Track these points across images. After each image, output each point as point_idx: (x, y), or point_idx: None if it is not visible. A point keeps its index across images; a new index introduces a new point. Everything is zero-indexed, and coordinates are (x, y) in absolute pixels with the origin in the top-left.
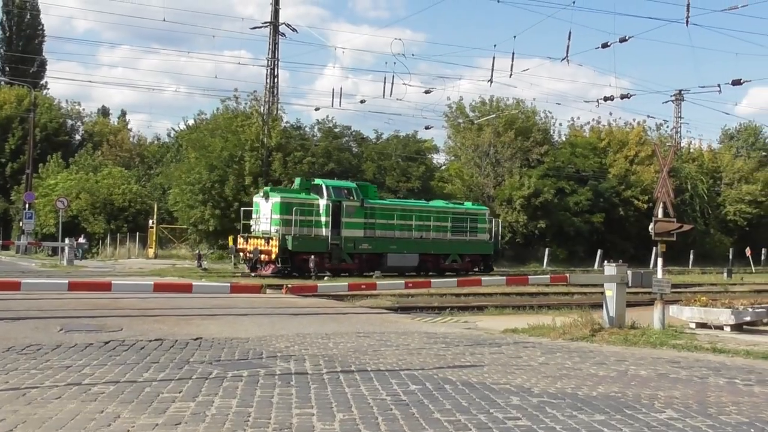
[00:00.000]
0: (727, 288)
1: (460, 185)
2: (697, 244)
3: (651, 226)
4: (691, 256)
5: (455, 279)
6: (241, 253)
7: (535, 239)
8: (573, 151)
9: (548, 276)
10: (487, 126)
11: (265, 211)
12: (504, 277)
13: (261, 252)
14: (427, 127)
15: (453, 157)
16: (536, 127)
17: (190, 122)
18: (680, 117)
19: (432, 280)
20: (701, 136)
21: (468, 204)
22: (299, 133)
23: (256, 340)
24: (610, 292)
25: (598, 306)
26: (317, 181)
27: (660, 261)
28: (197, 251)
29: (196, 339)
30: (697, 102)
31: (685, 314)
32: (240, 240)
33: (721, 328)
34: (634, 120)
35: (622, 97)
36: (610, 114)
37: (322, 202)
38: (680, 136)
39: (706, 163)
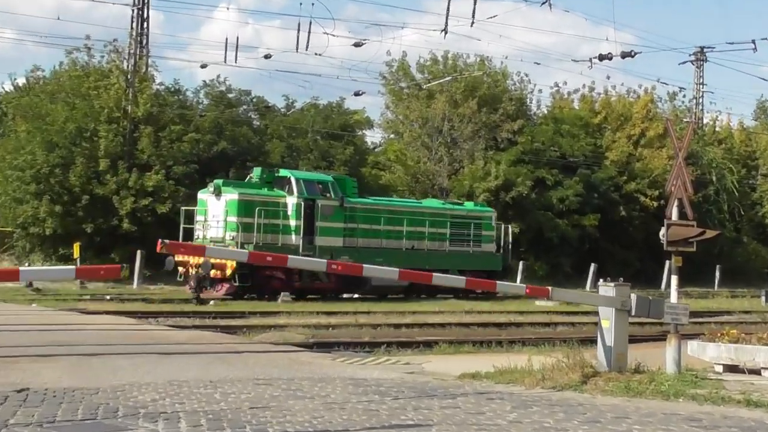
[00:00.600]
0: (766, 317)
1: (402, 173)
2: (725, 257)
3: (662, 231)
4: (718, 273)
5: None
6: (180, 269)
7: (506, 249)
8: (557, 128)
9: (524, 286)
10: (441, 93)
11: (216, 212)
12: (464, 278)
13: (212, 266)
14: (357, 93)
15: (393, 135)
16: (507, 95)
17: (20, 82)
18: (702, 83)
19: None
20: (730, 109)
21: (469, 204)
22: (178, 100)
23: (110, 391)
24: (607, 322)
25: (590, 341)
26: (283, 172)
27: (674, 280)
28: (27, 263)
29: (21, 390)
30: (725, 64)
31: (709, 353)
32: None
33: (757, 372)
34: (640, 87)
35: (624, 55)
36: (608, 78)
37: (291, 201)
38: (702, 110)
39: (737, 146)
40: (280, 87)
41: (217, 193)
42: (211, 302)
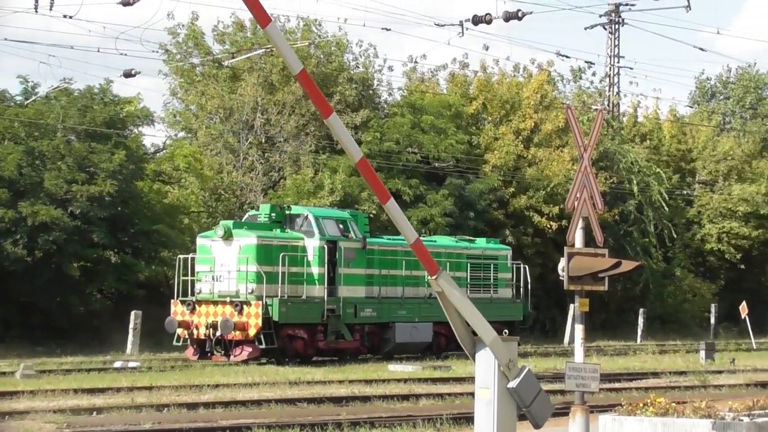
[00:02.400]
0: (706, 380)
1: (197, 188)
2: (651, 297)
3: (561, 264)
4: (641, 321)
5: None
6: (181, 330)
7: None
8: (417, 120)
9: None
10: (250, 72)
11: (226, 260)
12: None
13: (234, 326)
14: (128, 74)
15: (183, 134)
16: (346, 75)
17: None
18: (617, 56)
19: None
20: (658, 91)
21: (481, 241)
22: None
23: None
24: (487, 393)
25: (465, 419)
26: (298, 209)
27: (579, 330)
28: None
29: None
30: (649, 28)
31: (629, 431)
32: (180, 308)
33: None
34: (533, 62)
35: (508, 17)
36: (486, 50)
37: (312, 243)
38: (618, 93)
39: (667, 143)
40: (13, 64)
41: (227, 237)
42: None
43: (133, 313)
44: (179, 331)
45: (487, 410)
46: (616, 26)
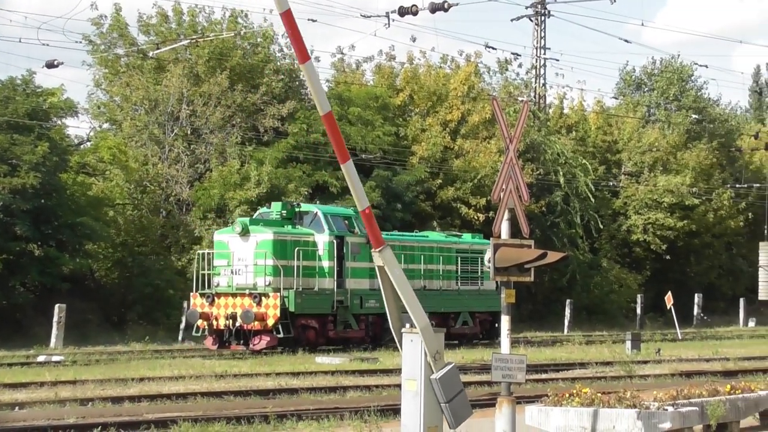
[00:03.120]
0: (632, 370)
1: (122, 180)
2: (578, 288)
3: (487, 254)
4: (568, 312)
5: None
6: (201, 321)
7: None
8: (343, 112)
9: None
10: (176, 63)
11: (243, 255)
12: None
13: (254, 317)
14: (51, 65)
15: (107, 125)
16: (272, 67)
17: None
18: (543, 47)
19: None
20: (584, 82)
21: (467, 236)
22: None
23: None
24: (413, 384)
25: (393, 411)
26: (307, 206)
27: (506, 321)
28: None
29: None
30: (575, 20)
31: (555, 421)
32: (200, 301)
33: None
34: (460, 54)
35: (434, 8)
36: (413, 41)
37: (322, 239)
38: (545, 85)
39: (593, 134)
40: None
41: (244, 233)
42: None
43: (57, 306)
44: (200, 322)
45: (414, 402)
46: (542, 18)
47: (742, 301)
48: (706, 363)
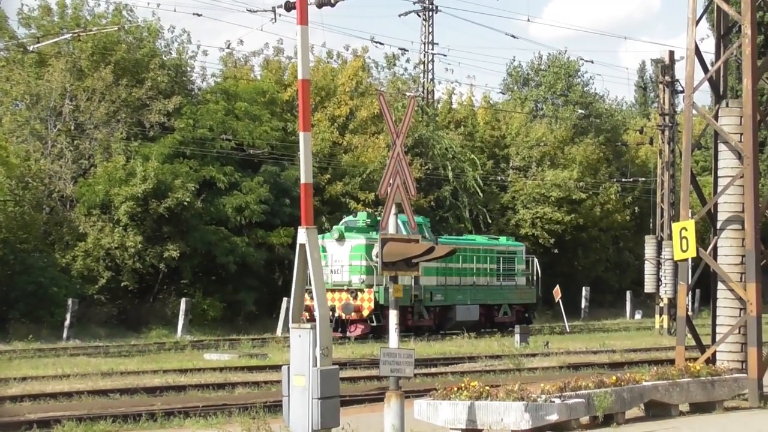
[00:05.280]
0: (521, 363)
1: (3, 177)
2: None
3: (375, 249)
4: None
5: None
6: (304, 313)
7: (162, 280)
8: (231, 107)
9: None
10: (58, 57)
11: (339, 257)
12: None
13: (353, 309)
14: None
15: None
16: (158, 61)
17: None
18: (431, 42)
19: None
20: (472, 78)
21: (503, 239)
22: None
23: None
24: (302, 380)
25: (282, 407)
26: None
27: (393, 316)
28: None
29: None
30: (462, 16)
31: (443, 415)
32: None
33: None
34: (347, 49)
35: (321, 3)
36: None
37: None
38: (433, 80)
39: (482, 129)
40: None
41: (340, 238)
42: None
43: None
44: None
45: (302, 398)
46: (430, 13)
47: (628, 293)
48: (594, 355)
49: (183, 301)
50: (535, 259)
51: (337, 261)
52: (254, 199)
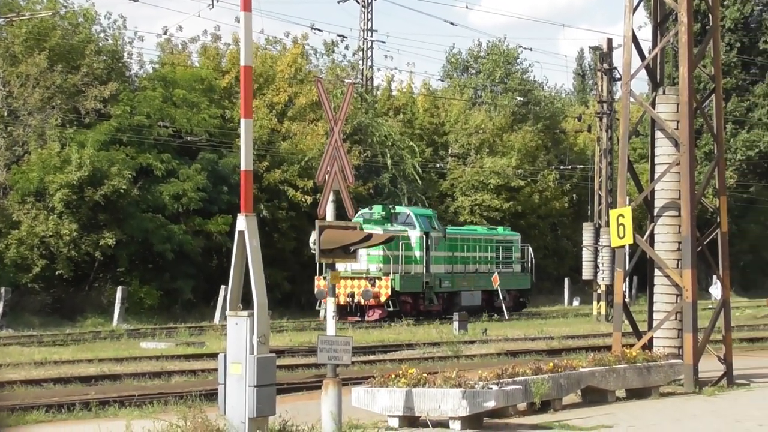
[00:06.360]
0: (459, 350)
1: None
2: None
3: (312, 237)
4: None
5: None
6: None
7: (98, 268)
8: (168, 94)
9: None
10: None
11: None
12: None
13: (372, 295)
14: None
15: None
16: (94, 47)
17: None
18: (371, 30)
19: None
20: (412, 65)
21: (500, 229)
22: None
23: None
24: (239, 368)
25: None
26: (400, 208)
27: (331, 303)
28: None
29: None
30: (402, 2)
31: (381, 402)
32: (323, 282)
33: (445, 425)
34: (287, 35)
35: None
36: (238, 22)
37: (414, 234)
38: (372, 67)
39: (421, 116)
40: None
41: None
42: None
43: None
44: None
45: (238, 386)
46: (369, 0)
47: (566, 280)
48: (532, 342)
49: (119, 289)
50: (530, 248)
51: (358, 251)
52: (192, 186)
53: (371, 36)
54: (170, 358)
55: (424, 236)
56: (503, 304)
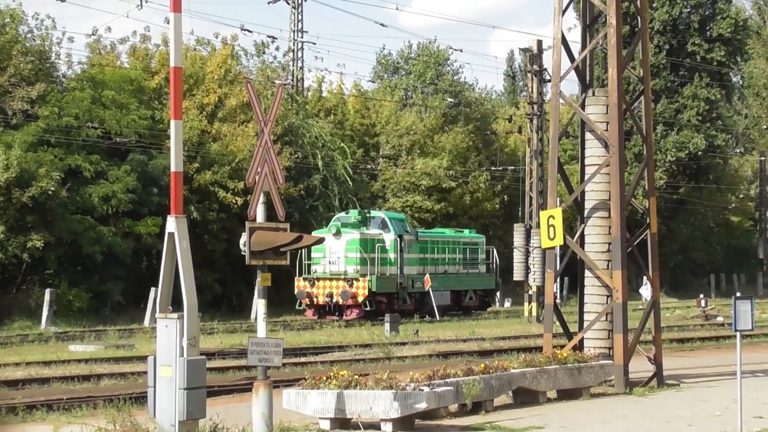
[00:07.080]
0: (391, 352)
1: None
2: None
3: (243, 239)
4: None
5: None
6: (305, 299)
7: (26, 270)
8: (97, 95)
9: None
10: None
11: (336, 250)
12: None
13: (350, 295)
14: None
15: None
16: (20, 48)
17: None
18: (301, 31)
19: None
20: (342, 66)
21: (466, 231)
22: None
23: None
24: (168, 370)
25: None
26: (375, 213)
27: (261, 305)
28: None
29: None
30: (332, 4)
31: (312, 404)
32: (303, 283)
33: (376, 427)
34: (216, 37)
35: None
36: (167, 23)
37: (389, 237)
38: (302, 68)
39: (352, 117)
40: None
41: (337, 233)
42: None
43: None
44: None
45: (168, 388)
46: (299, 1)
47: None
48: (463, 343)
49: (47, 291)
50: (494, 249)
51: (334, 253)
52: (121, 188)
53: (302, 37)
54: (99, 361)
55: (398, 239)
56: (433, 304)
